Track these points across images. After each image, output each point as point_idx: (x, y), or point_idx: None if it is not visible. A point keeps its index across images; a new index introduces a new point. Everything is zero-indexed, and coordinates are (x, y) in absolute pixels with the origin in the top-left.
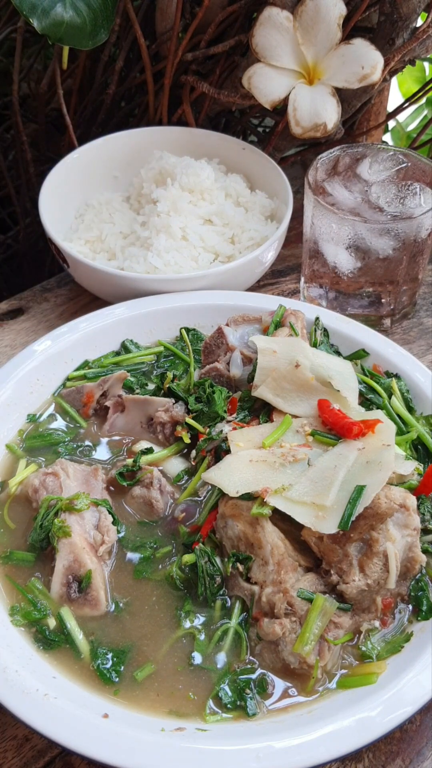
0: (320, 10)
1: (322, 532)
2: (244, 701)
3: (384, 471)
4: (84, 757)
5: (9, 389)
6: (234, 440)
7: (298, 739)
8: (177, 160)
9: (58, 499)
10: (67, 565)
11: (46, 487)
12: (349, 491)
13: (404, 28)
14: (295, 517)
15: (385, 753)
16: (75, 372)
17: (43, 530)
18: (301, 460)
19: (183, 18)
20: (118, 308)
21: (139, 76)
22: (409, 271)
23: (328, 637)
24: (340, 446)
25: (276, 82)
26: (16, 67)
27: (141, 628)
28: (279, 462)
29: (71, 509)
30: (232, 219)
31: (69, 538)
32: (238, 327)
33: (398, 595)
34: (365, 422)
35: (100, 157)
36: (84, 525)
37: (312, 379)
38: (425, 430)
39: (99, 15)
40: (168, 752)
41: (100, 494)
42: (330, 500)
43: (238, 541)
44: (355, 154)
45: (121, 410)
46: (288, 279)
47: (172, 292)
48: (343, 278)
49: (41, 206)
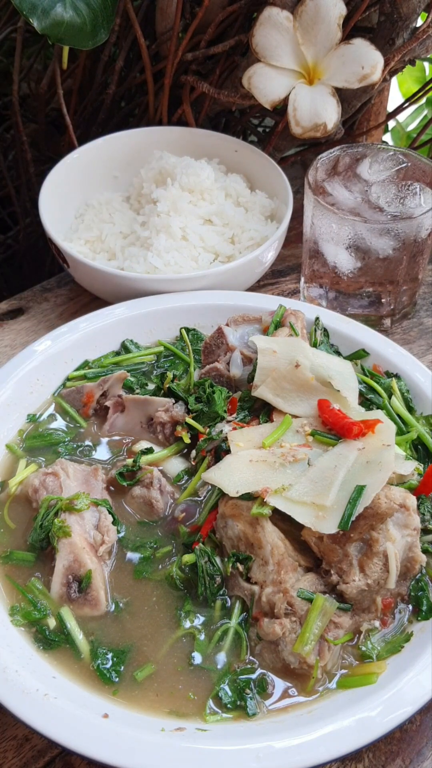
0: (320, 10)
1: (323, 533)
2: (244, 701)
3: (384, 471)
4: (84, 757)
5: (9, 389)
6: (234, 440)
7: (298, 739)
8: (177, 160)
9: (58, 499)
10: (67, 565)
11: (46, 487)
12: (349, 491)
13: (404, 28)
14: (295, 517)
15: (385, 753)
16: (75, 372)
17: (43, 530)
18: (301, 460)
19: (183, 18)
20: (118, 308)
21: (139, 76)
22: (409, 271)
23: (328, 637)
24: (340, 446)
25: (276, 82)
26: (16, 67)
27: (141, 628)
28: (279, 462)
29: (71, 509)
30: (232, 219)
31: (69, 538)
32: (238, 327)
33: (398, 595)
34: (365, 422)
35: (100, 157)
36: (84, 525)
37: (312, 379)
38: (425, 430)
39: (99, 15)
40: (168, 752)
41: (100, 494)
42: (330, 500)
43: (238, 541)
44: (355, 154)
45: (121, 410)
46: (288, 279)
47: (172, 292)
48: (343, 278)
49: (41, 206)
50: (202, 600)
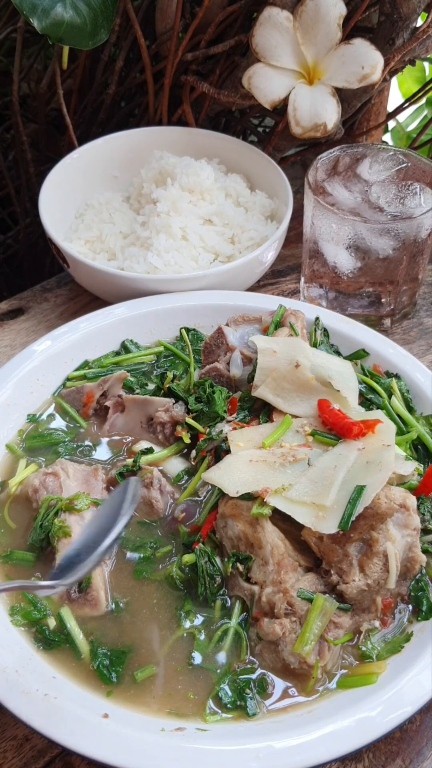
0: (320, 10)
1: (322, 533)
2: (244, 701)
3: (384, 471)
4: (84, 757)
5: (9, 389)
6: (234, 440)
7: (298, 739)
8: (177, 160)
9: (58, 499)
10: None
11: (46, 487)
12: (349, 491)
13: (404, 28)
14: (295, 517)
15: (385, 753)
16: (75, 372)
17: (43, 530)
18: (301, 460)
19: (183, 18)
20: (118, 308)
21: (139, 76)
22: (409, 271)
23: (328, 637)
24: (340, 446)
25: (276, 82)
26: (16, 67)
27: (141, 628)
28: (279, 462)
29: (71, 509)
30: (232, 219)
31: (69, 538)
32: (238, 327)
33: (398, 595)
34: (365, 422)
35: (100, 157)
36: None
37: (312, 379)
38: (425, 430)
39: (99, 15)
40: (168, 752)
41: (100, 494)
42: (330, 500)
43: (238, 541)
44: (355, 154)
45: (121, 410)
46: (288, 279)
47: (172, 292)
48: (343, 278)
49: (41, 206)
50: (202, 600)
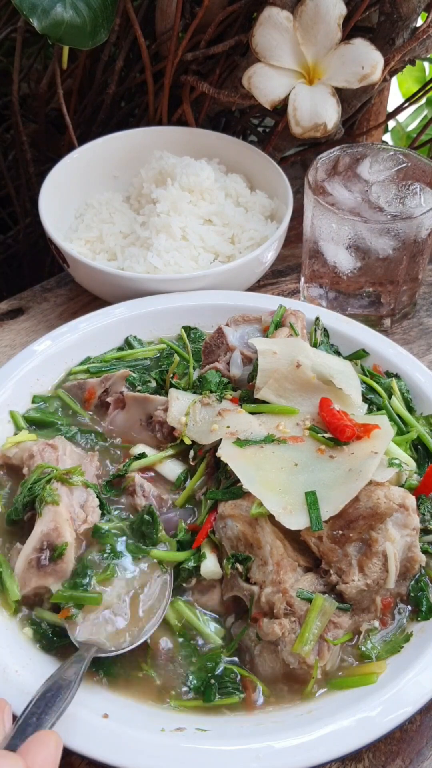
0: (320, 10)
1: (288, 527)
2: (243, 695)
3: (360, 480)
4: (84, 757)
5: (9, 389)
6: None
7: (298, 739)
8: (177, 160)
9: (53, 468)
10: (46, 531)
11: (43, 456)
12: (322, 496)
13: (404, 28)
14: (265, 502)
15: (385, 753)
16: (77, 367)
17: (31, 493)
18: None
19: (183, 18)
20: (119, 308)
21: (139, 76)
22: (409, 271)
23: (328, 637)
24: (329, 449)
25: (276, 82)
26: (16, 67)
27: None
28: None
29: (65, 481)
30: (232, 219)
31: (56, 506)
32: (238, 327)
33: (398, 595)
34: (365, 426)
35: (100, 157)
36: (72, 500)
37: (314, 378)
38: (425, 430)
39: (99, 15)
40: (168, 752)
41: (91, 480)
42: (288, 501)
43: (238, 542)
44: (355, 154)
45: (122, 407)
46: (288, 279)
47: (172, 292)
48: (343, 278)
49: (41, 206)
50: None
